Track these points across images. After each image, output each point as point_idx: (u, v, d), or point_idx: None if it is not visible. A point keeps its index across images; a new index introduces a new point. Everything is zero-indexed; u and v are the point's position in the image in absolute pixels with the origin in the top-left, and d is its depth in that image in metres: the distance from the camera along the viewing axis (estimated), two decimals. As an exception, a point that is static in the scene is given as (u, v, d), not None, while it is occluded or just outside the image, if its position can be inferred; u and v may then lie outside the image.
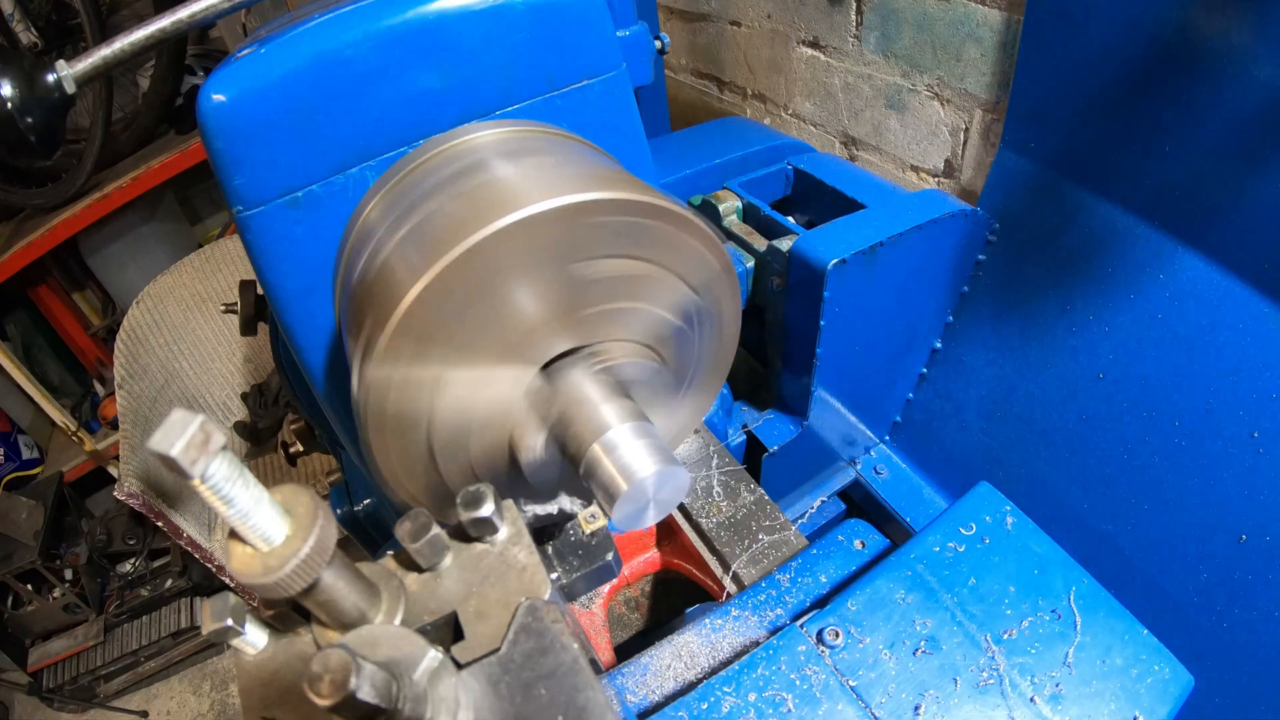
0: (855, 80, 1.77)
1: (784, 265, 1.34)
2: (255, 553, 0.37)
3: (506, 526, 0.51)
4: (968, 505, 1.01)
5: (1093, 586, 0.93)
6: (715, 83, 2.35)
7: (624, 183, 0.62)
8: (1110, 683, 0.85)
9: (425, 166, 0.73)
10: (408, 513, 0.48)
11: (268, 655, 0.48)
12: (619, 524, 0.61)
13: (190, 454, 0.32)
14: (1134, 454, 1.31)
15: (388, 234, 0.66)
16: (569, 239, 0.59)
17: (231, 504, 0.36)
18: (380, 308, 0.57)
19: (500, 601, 0.48)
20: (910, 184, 1.76)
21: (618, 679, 0.95)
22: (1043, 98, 1.35)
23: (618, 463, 0.58)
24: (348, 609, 0.43)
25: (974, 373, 1.55)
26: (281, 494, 0.39)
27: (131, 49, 0.82)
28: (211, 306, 2.91)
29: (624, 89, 0.85)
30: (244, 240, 0.78)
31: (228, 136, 0.71)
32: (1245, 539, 1.18)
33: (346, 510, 1.26)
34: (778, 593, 1.02)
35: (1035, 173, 1.41)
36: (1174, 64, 1.14)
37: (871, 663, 0.86)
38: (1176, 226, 1.24)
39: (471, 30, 0.76)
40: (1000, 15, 1.39)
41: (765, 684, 0.85)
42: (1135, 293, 1.30)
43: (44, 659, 2.88)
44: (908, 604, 0.91)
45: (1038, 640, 0.88)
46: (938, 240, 1.40)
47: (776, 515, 1.14)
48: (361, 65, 0.73)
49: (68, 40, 2.84)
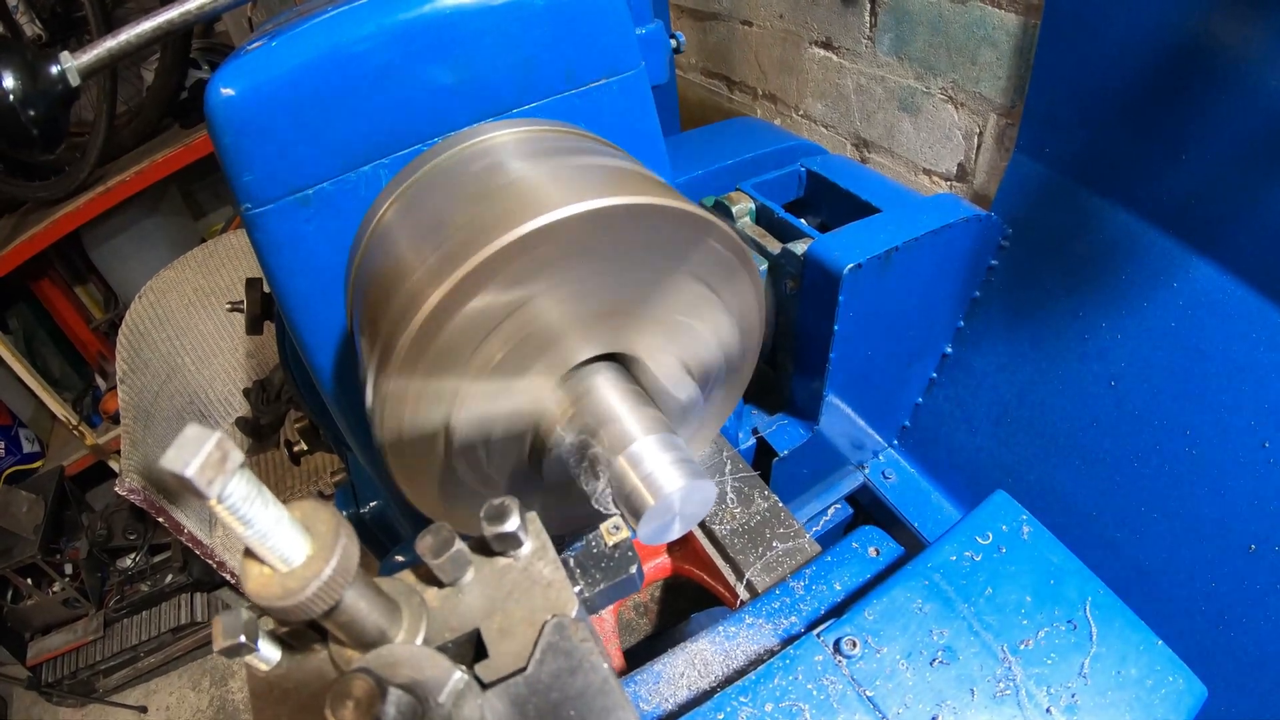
0: (868, 82, 1.76)
1: (798, 269, 1.32)
2: (273, 574, 0.35)
3: (531, 540, 0.49)
4: (984, 514, 1.00)
5: (1108, 597, 0.93)
6: (725, 82, 2.33)
7: (652, 188, 0.60)
8: (1125, 694, 0.85)
9: (443, 166, 0.71)
10: (429, 527, 0.46)
11: (281, 672, 0.47)
12: (644, 539, 0.59)
13: (206, 474, 0.30)
14: (1144, 462, 1.31)
15: (405, 236, 0.64)
16: (594, 246, 0.57)
17: (250, 524, 0.34)
18: (398, 315, 0.56)
19: (525, 619, 0.46)
20: (922, 187, 1.74)
21: (630, 686, 0.94)
22: (1059, 103, 1.34)
23: (644, 477, 0.56)
24: (369, 629, 0.42)
25: (984, 378, 1.54)
26: (301, 510, 0.37)
27: (137, 41, 0.80)
28: (214, 301, 2.89)
29: (642, 88, 0.84)
30: (252, 239, 0.76)
31: (236, 131, 0.69)
32: (1255, 548, 1.17)
33: (352, 512, 1.24)
34: (792, 600, 1.01)
35: (1050, 178, 1.40)
36: (1192, 72, 1.13)
37: (889, 673, 0.86)
38: (1190, 235, 1.23)
39: (488, 25, 0.75)
40: (1017, 19, 1.37)
41: (782, 694, 0.85)
42: (1148, 300, 1.29)
43: (43, 653, 2.86)
44: (925, 614, 0.90)
45: (1054, 651, 0.87)
46: (952, 245, 1.39)
47: (791, 523, 1.13)
48: (374, 60, 0.72)
49: (72, 32, 2.81)
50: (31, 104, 0.74)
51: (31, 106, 0.74)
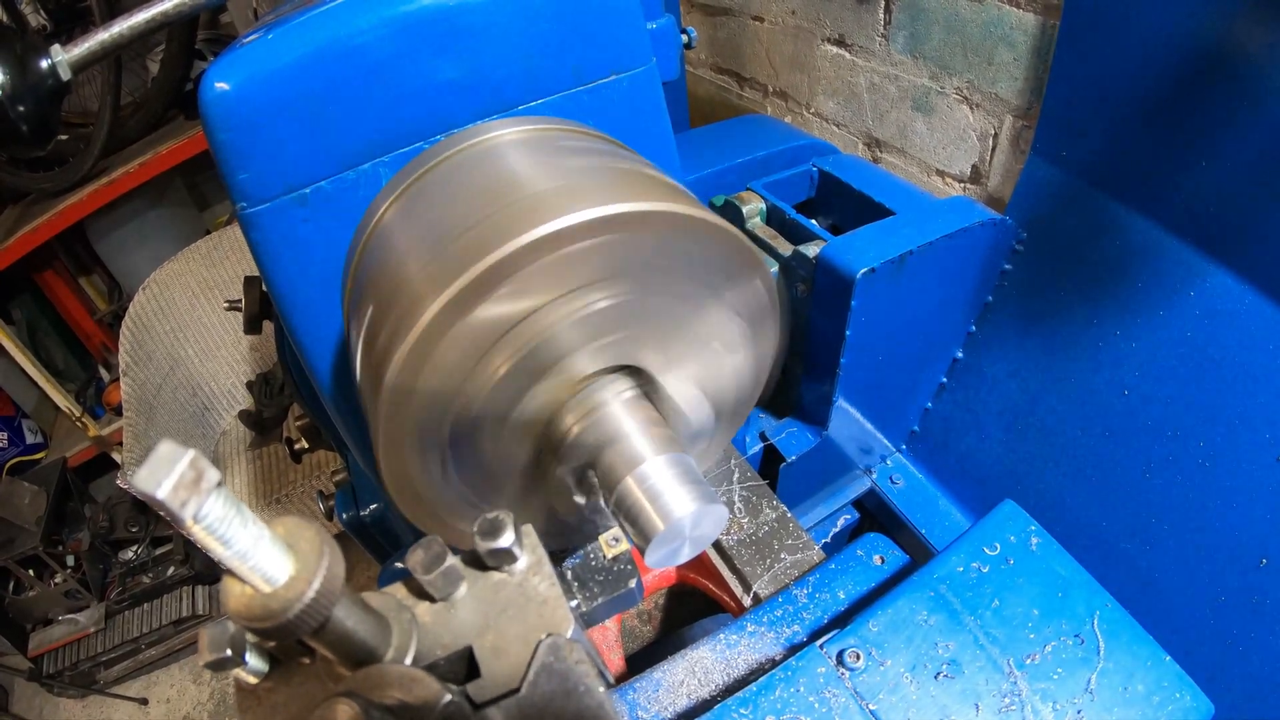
0: (881, 80, 1.73)
1: (810, 272, 1.30)
2: (255, 594, 0.34)
3: (526, 555, 0.48)
4: (992, 524, 0.98)
5: (1116, 611, 0.91)
6: (735, 79, 2.31)
7: (665, 193, 0.57)
8: (1132, 710, 0.83)
9: (445, 165, 0.69)
10: (420, 540, 0.44)
11: (269, 686, 0.45)
12: (652, 564, 0.56)
13: (180, 494, 0.28)
14: (1156, 473, 1.29)
15: (404, 239, 0.62)
16: (609, 253, 0.54)
17: (229, 544, 0.32)
18: (395, 325, 0.53)
19: (519, 637, 0.44)
20: (935, 189, 1.72)
21: (629, 693, 0.93)
22: (1077, 106, 1.31)
23: (654, 500, 0.54)
24: (356, 647, 0.40)
25: (995, 384, 1.52)
26: (284, 527, 0.35)
27: (131, 33, 0.78)
28: (218, 294, 2.89)
29: (653, 85, 0.82)
30: (248, 238, 0.73)
31: (231, 128, 0.67)
32: (1266, 563, 1.15)
33: (353, 515, 1.22)
34: (795, 608, 0.99)
35: (1066, 182, 1.37)
36: (1214, 77, 1.11)
37: (892, 686, 0.84)
38: (1208, 243, 1.20)
39: (493, 19, 0.72)
40: (1035, 19, 1.35)
41: (784, 706, 0.83)
42: (1164, 309, 1.26)
43: (44, 645, 2.87)
44: (930, 626, 0.89)
45: (1060, 665, 0.85)
46: (966, 250, 1.36)
47: (799, 534, 1.11)
48: (375, 53, 0.69)
49: (77, 23, 2.80)
50: (20, 99, 0.72)
51: (20, 102, 0.72)
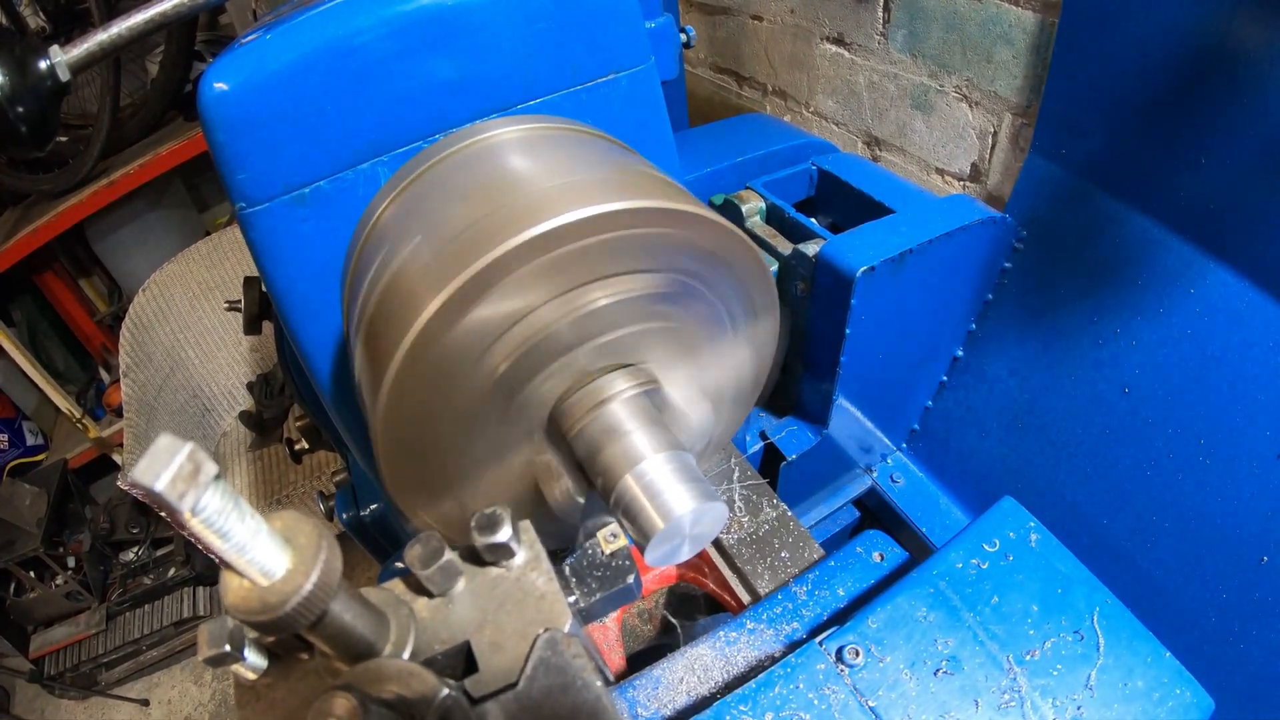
0: (880, 79, 1.73)
1: (810, 270, 1.30)
2: (253, 587, 0.34)
3: (524, 550, 0.48)
4: (991, 521, 0.98)
5: (1116, 607, 0.91)
6: (734, 78, 2.31)
7: (665, 191, 0.57)
8: (1132, 706, 0.83)
9: (443, 165, 0.69)
10: (418, 536, 0.44)
11: (268, 682, 0.45)
12: (652, 563, 0.56)
13: (178, 487, 0.28)
14: (1156, 470, 1.29)
15: (402, 238, 0.62)
16: (608, 251, 0.54)
17: (227, 538, 0.32)
18: (394, 324, 0.53)
19: (517, 632, 0.44)
20: (934, 187, 1.72)
21: (629, 691, 0.93)
22: (1076, 103, 1.31)
23: (653, 499, 0.53)
24: (354, 641, 0.40)
25: (995, 382, 1.52)
26: (282, 521, 0.35)
27: (129, 34, 0.78)
28: (218, 295, 2.89)
29: (652, 84, 0.82)
30: (247, 239, 0.74)
31: (230, 128, 0.67)
32: (1267, 560, 1.15)
33: (353, 515, 1.22)
34: (794, 605, 0.99)
35: (1065, 180, 1.37)
36: (1213, 74, 1.11)
37: (892, 683, 0.85)
38: (1208, 240, 1.20)
39: (491, 18, 0.72)
40: (1034, 17, 1.35)
41: (783, 703, 0.83)
42: (1164, 306, 1.26)
43: (46, 646, 2.87)
44: (929, 622, 0.89)
45: (1060, 661, 0.86)
46: (966, 248, 1.36)
47: (800, 532, 1.11)
48: (374, 53, 0.69)
49: (76, 24, 2.80)
50: (19, 100, 0.72)
51: (19, 103, 0.72)
